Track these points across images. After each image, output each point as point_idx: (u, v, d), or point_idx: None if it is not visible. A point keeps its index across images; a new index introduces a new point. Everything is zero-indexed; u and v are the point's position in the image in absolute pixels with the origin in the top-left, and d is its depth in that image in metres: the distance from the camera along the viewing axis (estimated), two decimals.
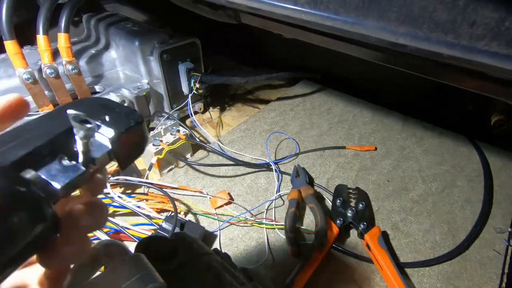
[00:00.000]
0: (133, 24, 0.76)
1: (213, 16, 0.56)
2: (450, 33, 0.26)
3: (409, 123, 0.79)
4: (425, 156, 0.69)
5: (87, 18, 0.81)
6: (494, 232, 0.54)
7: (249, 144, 0.72)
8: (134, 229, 0.49)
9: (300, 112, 0.83)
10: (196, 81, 0.72)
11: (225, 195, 0.58)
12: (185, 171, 0.64)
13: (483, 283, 0.47)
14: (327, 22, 0.33)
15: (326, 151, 0.71)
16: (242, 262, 0.49)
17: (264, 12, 0.38)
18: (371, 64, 0.49)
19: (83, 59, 0.72)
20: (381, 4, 0.28)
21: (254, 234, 0.53)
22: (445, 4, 0.25)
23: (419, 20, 0.27)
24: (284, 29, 0.48)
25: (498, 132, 0.67)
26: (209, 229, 0.52)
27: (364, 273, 0.48)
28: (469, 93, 0.69)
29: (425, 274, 0.48)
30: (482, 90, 0.37)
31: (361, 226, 0.51)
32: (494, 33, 0.24)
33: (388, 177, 0.64)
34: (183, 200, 0.57)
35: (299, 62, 1.01)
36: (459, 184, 0.63)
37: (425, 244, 0.52)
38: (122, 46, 0.73)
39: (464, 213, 0.57)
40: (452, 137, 0.74)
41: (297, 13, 0.34)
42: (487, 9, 0.24)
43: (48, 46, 0.59)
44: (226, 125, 0.81)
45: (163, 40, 0.71)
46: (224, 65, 1.08)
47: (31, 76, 0.58)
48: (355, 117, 0.81)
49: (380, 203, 0.59)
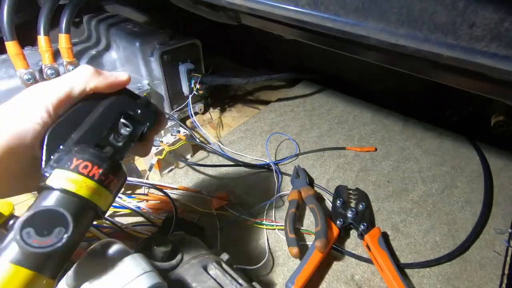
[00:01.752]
0: (134, 25, 0.77)
1: (214, 17, 0.56)
2: (450, 34, 0.26)
3: (409, 124, 0.79)
4: (425, 157, 0.69)
5: (88, 19, 0.81)
6: (494, 233, 0.54)
7: (249, 145, 0.72)
8: (134, 229, 0.49)
9: (300, 113, 0.83)
10: (197, 82, 0.72)
11: (225, 196, 0.58)
12: (185, 171, 0.64)
13: (483, 284, 0.47)
14: (327, 23, 0.33)
15: (326, 152, 0.71)
16: (242, 262, 0.49)
17: (264, 13, 0.39)
18: (371, 65, 0.50)
19: (83, 60, 0.72)
20: (381, 5, 0.28)
21: (254, 235, 0.53)
22: (445, 6, 0.25)
23: (419, 21, 0.27)
24: (285, 30, 0.48)
25: (498, 133, 0.67)
26: (209, 229, 0.52)
27: (364, 273, 0.48)
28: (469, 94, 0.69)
29: (425, 275, 0.48)
30: (482, 91, 0.37)
31: (361, 226, 0.51)
32: (494, 34, 0.24)
33: (388, 178, 0.64)
34: (183, 200, 0.57)
35: (299, 63, 1.01)
36: (459, 185, 0.63)
37: (425, 245, 0.52)
38: (123, 47, 0.73)
39: (464, 214, 0.57)
40: (452, 138, 0.74)
41: (297, 14, 0.35)
42: (486, 11, 0.24)
43: (49, 46, 0.59)
44: (226, 125, 0.81)
45: (163, 41, 0.71)
46: (224, 66, 1.09)
47: (32, 76, 0.58)
48: (355, 118, 0.81)
49: (380, 204, 0.59)
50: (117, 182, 0.24)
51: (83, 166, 0.22)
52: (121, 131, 0.28)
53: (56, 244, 0.19)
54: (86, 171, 0.22)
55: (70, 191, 0.21)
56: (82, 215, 0.21)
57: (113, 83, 0.28)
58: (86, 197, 0.22)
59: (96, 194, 0.22)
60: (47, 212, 0.20)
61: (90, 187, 0.22)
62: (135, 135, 0.29)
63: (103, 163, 0.23)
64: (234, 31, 0.96)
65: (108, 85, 0.28)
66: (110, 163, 0.24)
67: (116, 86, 0.29)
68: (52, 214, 0.20)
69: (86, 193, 0.22)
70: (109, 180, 0.23)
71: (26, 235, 0.18)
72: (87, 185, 0.22)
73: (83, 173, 0.22)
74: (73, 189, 0.21)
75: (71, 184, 0.21)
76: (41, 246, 0.19)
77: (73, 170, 0.22)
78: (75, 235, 0.20)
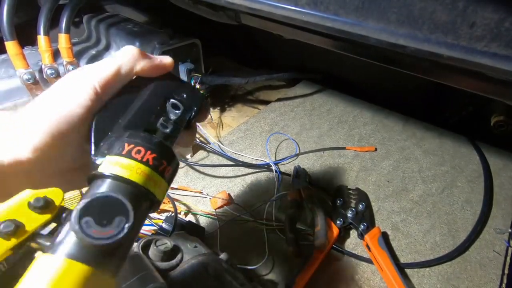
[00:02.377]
0: (134, 25, 0.77)
1: (213, 17, 0.56)
2: (450, 34, 0.26)
3: (409, 123, 0.79)
4: (425, 157, 0.69)
5: (87, 18, 0.81)
6: (494, 233, 0.54)
7: (249, 145, 0.72)
8: None
9: (300, 112, 0.83)
10: (197, 81, 0.72)
11: (225, 196, 0.58)
12: (186, 171, 0.64)
13: (483, 283, 0.47)
14: (327, 23, 0.33)
15: (326, 152, 0.71)
16: (242, 262, 0.49)
17: (264, 13, 0.38)
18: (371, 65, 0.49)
19: (83, 60, 0.72)
20: (381, 5, 0.28)
21: (254, 235, 0.53)
22: (445, 5, 0.25)
23: (419, 21, 0.27)
24: (284, 30, 0.48)
25: (498, 133, 0.67)
26: (209, 229, 0.52)
27: (364, 273, 0.48)
28: (469, 94, 0.69)
29: (425, 275, 0.48)
30: (482, 91, 0.37)
31: (361, 226, 0.51)
32: (494, 34, 0.24)
33: (388, 178, 0.64)
34: (183, 200, 0.57)
35: (299, 62, 1.01)
36: (459, 184, 0.63)
37: (425, 244, 0.52)
38: (123, 46, 0.73)
39: (464, 214, 0.57)
40: (452, 138, 0.74)
41: (297, 14, 0.34)
42: (486, 10, 0.24)
43: (49, 46, 0.59)
44: (226, 125, 0.81)
45: (163, 40, 0.71)
46: (224, 66, 1.09)
47: (32, 76, 0.58)
48: (355, 117, 0.81)
49: (380, 204, 0.59)
50: (170, 169, 0.22)
51: (136, 151, 0.21)
52: (170, 115, 0.27)
53: (118, 235, 0.17)
54: (139, 156, 0.20)
55: (124, 177, 0.19)
56: (139, 203, 0.20)
57: (159, 65, 0.27)
58: (141, 184, 0.20)
59: (150, 181, 0.20)
60: (105, 200, 0.18)
61: (144, 173, 0.20)
62: (183, 120, 0.27)
63: (156, 148, 0.21)
64: (234, 31, 0.95)
65: (154, 67, 0.27)
66: (163, 148, 0.22)
67: (161, 70, 0.28)
68: (109, 202, 0.18)
69: (141, 179, 0.20)
70: (163, 166, 0.22)
71: (85, 225, 0.17)
72: (141, 171, 0.20)
73: (136, 158, 0.20)
74: (126, 175, 0.19)
75: (124, 170, 0.20)
76: (103, 237, 0.16)
77: (125, 156, 0.20)
78: (135, 226, 0.18)
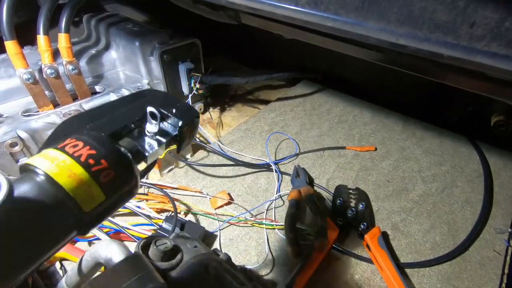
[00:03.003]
0: (134, 24, 0.77)
1: (213, 16, 0.56)
2: (450, 34, 0.26)
3: (409, 123, 0.79)
4: (425, 157, 0.69)
5: (87, 18, 0.81)
6: (494, 233, 0.54)
7: (249, 145, 0.72)
8: (134, 229, 0.49)
9: (300, 112, 0.83)
10: (196, 81, 0.72)
11: (225, 195, 0.58)
12: (185, 171, 0.64)
13: (483, 283, 0.47)
14: (327, 23, 0.33)
15: (326, 152, 0.71)
16: (242, 262, 0.49)
17: (264, 13, 0.38)
18: (371, 65, 0.49)
19: (83, 59, 0.72)
20: (381, 5, 0.28)
21: (254, 234, 0.53)
22: (445, 5, 0.25)
23: (419, 21, 0.27)
24: (285, 30, 0.48)
25: (498, 133, 0.67)
26: (209, 229, 0.52)
27: (364, 273, 0.48)
28: (469, 94, 0.69)
29: (425, 275, 0.48)
30: (482, 91, 0.37)
31: (361, 226, 0.51)
32: (494, 33, 0.24)
33: (388, 178, 0.64)
34: (183, 200, 0.57)
35: (299, 62, 1.01)
36: (459, 184, 0.63)
37: (425, 244, 0.52)
38: (123, 46, 0.73)
39: (464, 213, 0.57)
40: (452, 138, 0.74)
41: (297, 14, 0.34)
42: (487, 10, 0.24)
43: (49, 46, 0.59)
44: (226, 125, 0.81)
45: (163, 40, 0.71)
46: (224, 66, 1.09)
47: (31, 76, 0.58)
48: (355, 117, 0.81)
49: (380, 204, 0.59)
50: (112, 174, 0.18)
51: (73, 145, 0.18)
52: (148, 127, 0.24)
53: None
54: (72, 150, 0.17)
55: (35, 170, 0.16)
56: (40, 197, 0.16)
57: None
58: (54, 178, 0.16)
59: (74, 180, 0.17)
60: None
61: (67, 168, 0.17)
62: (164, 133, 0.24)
63: (101, 146, 0.18)
64: (234, 31, 0.95)
65: None
66: (109, 148, 0.19)
67: None
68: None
69: (59, 174, 0.16)
70: (101, 167, 0.18)
71: None
72: (65, 165, 0.17)
73: (67, 152, 0.17)
74: (43, 167, 0.16)
75: (46, 161, 0.17)
76: None
77: (57, 148, 0.17)
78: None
